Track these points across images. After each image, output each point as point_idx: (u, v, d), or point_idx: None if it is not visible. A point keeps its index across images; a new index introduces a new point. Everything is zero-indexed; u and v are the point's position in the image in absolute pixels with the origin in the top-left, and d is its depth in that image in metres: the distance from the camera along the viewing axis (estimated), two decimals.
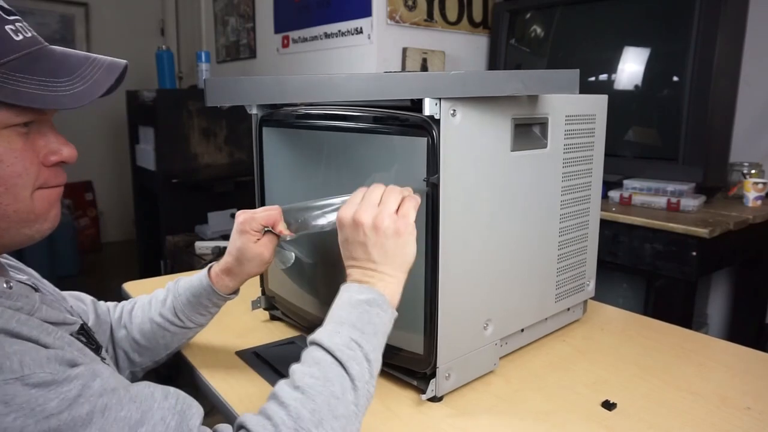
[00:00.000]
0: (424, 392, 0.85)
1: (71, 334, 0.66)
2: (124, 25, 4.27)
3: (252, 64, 3.31)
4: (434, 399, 0.86)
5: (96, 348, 0.70)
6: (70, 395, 0.53)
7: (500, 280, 0.92)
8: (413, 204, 0.76)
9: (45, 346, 0.57)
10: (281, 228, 0.85)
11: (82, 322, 0.72)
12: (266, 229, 0.87)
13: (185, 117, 3.00)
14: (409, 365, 0.88)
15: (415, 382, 0.89)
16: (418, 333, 0.85)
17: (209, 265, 0.92)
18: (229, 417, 0.84)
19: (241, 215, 0.87)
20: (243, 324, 1.14)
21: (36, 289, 0.69)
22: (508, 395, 0.89)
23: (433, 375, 0.85)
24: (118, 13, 4.26)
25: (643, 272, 1.85)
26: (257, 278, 1.15)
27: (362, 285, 0.73)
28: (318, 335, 0.68)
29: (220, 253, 2.52)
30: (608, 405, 0.85)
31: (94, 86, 0.61)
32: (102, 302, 0.96)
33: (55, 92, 0.59)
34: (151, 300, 0.94)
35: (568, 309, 1.11)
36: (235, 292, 0.92)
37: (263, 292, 1.15)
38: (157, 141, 3.04)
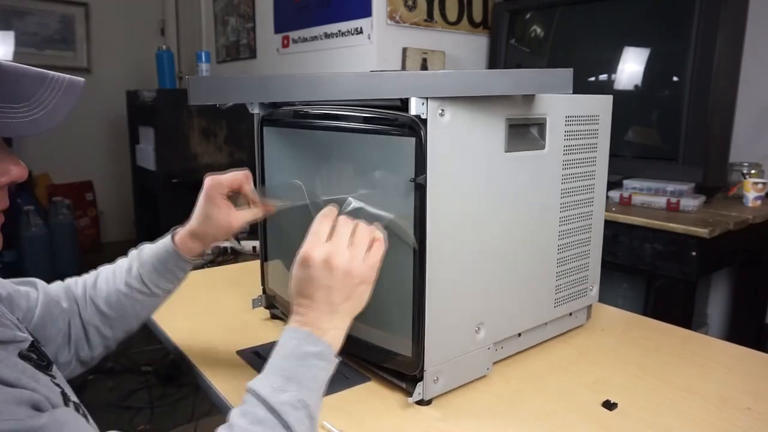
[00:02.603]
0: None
1: (20, 353, 0.61)
2: (124, 25, 4.27)
3: (252, 64, 3.32)
4: (422, 402, 0.85)
5: (47, 365, 0.66)
6: None
7: (493, 283, 0.91)
8: (382, 250, 0.75)
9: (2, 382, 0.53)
10: (269, 203, 0.88)
11: (32, 339, 0.67)
12: (232, 194, 0.89)
13: (185, 117, 3.00)
14: (398, 367, 0.88)
15: (404, 385, 0.88)
16: (406, 335, 0.84)
17: (173, 229, 0.92)
18: None
19: (208, 180, 0.88)
20: (243, 322, 1.14)
21: None
22: (507, 395, 0.89)
23: (421, 378, 0.84)
24: (118, 13, 4.26)
25: (643, 272, 1.85)
26: (258, 276, 1.15)
27: (312, 334, 0.69)
28: (263, 389, 0.65)
29: (220, 252, 2.52)
30: (609, 405, 0.85)
31: (54, 112, 0.58)
32: (54, 283, 0.92)
33: (13, 119, 0.55)
34: (114, 270, 0.92)
35: (570, 314, 1.09)
36: (201, 255, 0.92)
37: (264, 291, 1.15)
38: (157, 141, 3.04)
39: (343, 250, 0.71)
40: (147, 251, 0.91)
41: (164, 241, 0.91)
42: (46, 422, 0.52)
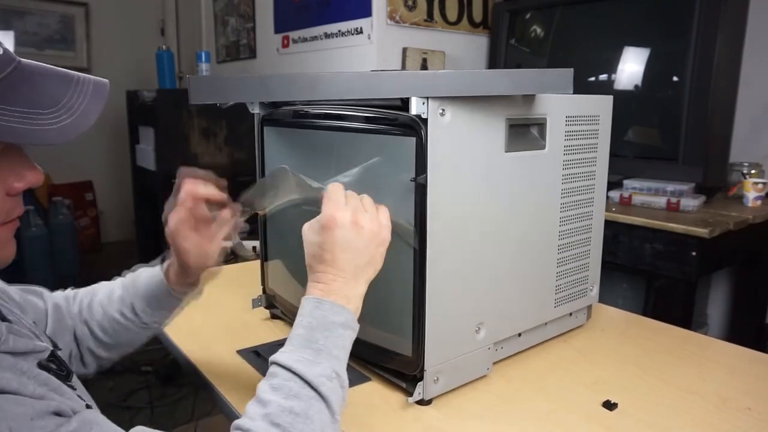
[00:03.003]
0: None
1: (40, 363, 0.59)
2: (124, 25, 4.27)
3: (252, 64, 3.31)
4: (422, 402, 0.85)
5: (66, 375, 0.64)
6: None
7: (493, 283, 0.91)
8: (388, 214, 0.76)
9: (24, 396, 0.52)
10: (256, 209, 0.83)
11: (52, 349, 0.64)
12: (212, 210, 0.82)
13: (185, 117, 3.00)
14: (398, 367, 0.88)
15: (404, 385, 0.88)
16: (406, 336, 0.85)
17: (163, 259, 0.86)
18: (230, 416, 0.84)
19: (169, 221, 0.80)
20: (243, 322, 1.14)
21: (3, 318, 0.63)
22: (508, 395, 0.89)
23: (421, 378, 0.84)
24: (118, 13, 4.26)
25: (643, 272, 1.85)
26: (258, 276, 1.15)
27: (336, 304, 0.69)
28: (297, 363, 0.63)
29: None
30: (609, 405, 0.85)
31: (82, 118, 0.55)
32: (57, 293, 0.89)
33: (41, 126, 0.53)
34: (110, 295, 0.87)
35: (571, 314, 1.09)
36: (195, 284, 0.86)
37: (264, 291, 1.15)
38: (157, 141, 3.04)
39: (363, 212, 0.72)
40: (142, 284, 0.85)
41: (157, 277, 0.85)
42: (77, 426, 0.52)
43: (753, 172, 2.00)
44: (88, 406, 0.60)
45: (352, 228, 0.70)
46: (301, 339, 0.66)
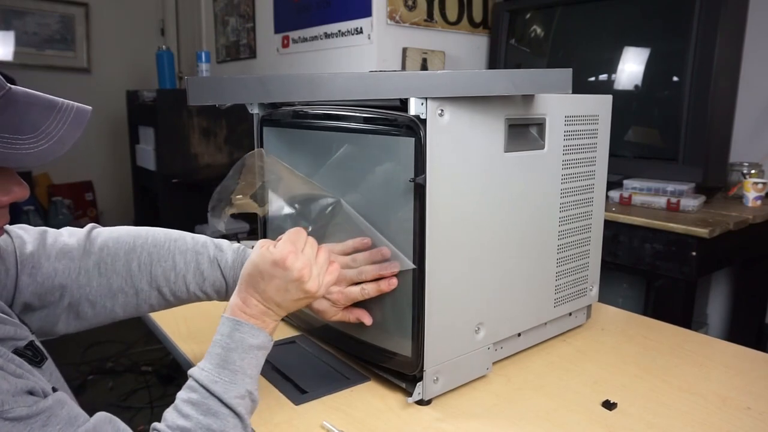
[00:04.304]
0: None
1: (16, 349, 0.63)
2: (124, 25, 4.27)
3: (252, 64, 3.31)
4: (422, 402, 0.85)
5: (40, 360, 0.67)
6: (38, 425, 0.56)
7: (492, 283, 0.91)
8: (335, 276, 0.79)
9: (7, 372, 0.57)
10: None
11: (31, 339, 0.68)
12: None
13: (185, 117, 3.00)
14: (398, 367, 0.88)
15: (403, 385, 0.88)
16: (405, 335, 0.85)
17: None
18: None
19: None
20: None
21: None
22: (508, 395, 0.89)
23: (421, 378, 0.84)
24: (118, 13, 4.25)
25: (643, 272, 1.85)
26: None
27: (255, 327, 0.73)
28: (213, 385, 0.68)
29: None
30: (609, 405, 0.85)
31: (58, 144, 0.59)
32: (74, 231, 0.85)
33: (18, 151, 0.57)
34: (198, 268, 0.88)
35: (570, 314, 1.10)
36: None
37: None
38: (157, 141, 3.04)
39: (314, 270, 0.75)
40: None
41: None
42: (52, 404, 0.58)
43: (753, 172, 2.00)
44: (54, 389, 0.64)
45: (296, 281, 0.73)
46: (219, 359, 0.70)
